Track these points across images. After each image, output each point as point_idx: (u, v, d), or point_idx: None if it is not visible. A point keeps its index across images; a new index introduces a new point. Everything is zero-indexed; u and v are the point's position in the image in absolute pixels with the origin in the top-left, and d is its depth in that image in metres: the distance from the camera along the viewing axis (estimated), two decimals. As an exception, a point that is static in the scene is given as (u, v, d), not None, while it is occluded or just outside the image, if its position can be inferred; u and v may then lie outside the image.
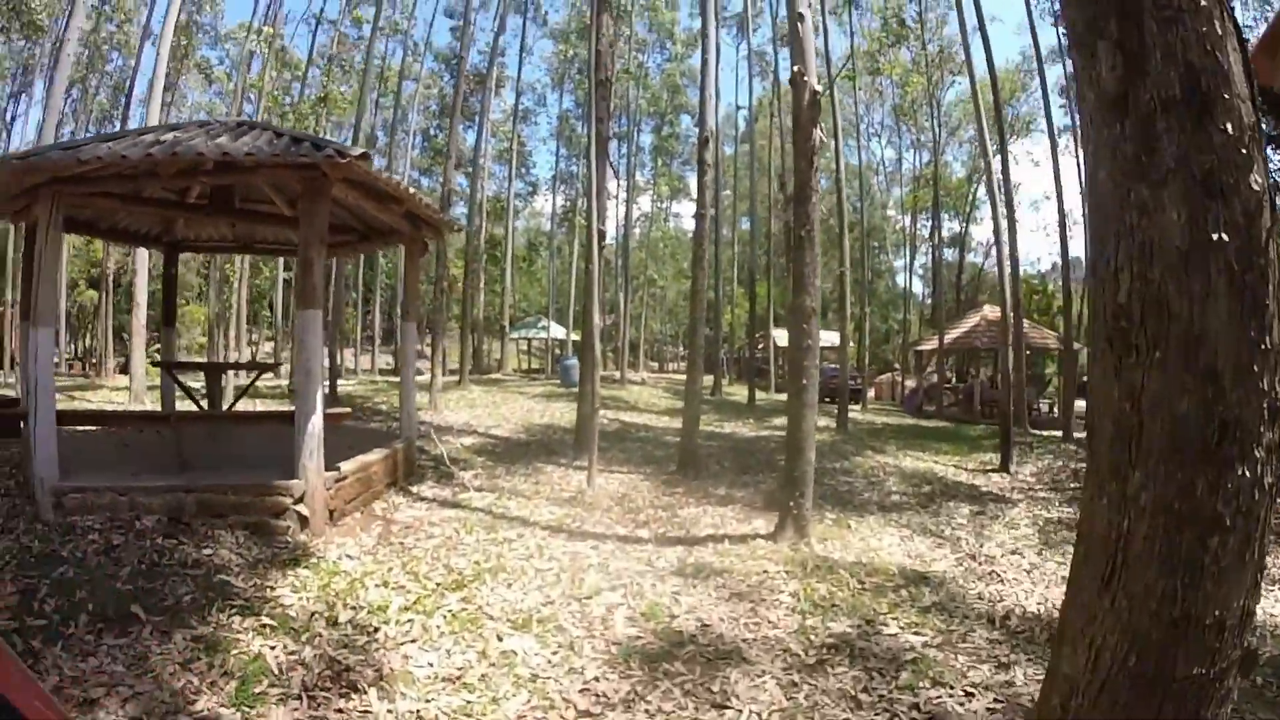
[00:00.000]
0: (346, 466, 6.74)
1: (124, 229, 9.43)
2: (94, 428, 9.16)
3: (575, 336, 40.57)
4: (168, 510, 5.69)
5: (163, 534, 5.28)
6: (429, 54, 39.40)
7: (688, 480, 9.05)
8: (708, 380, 32.96)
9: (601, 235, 10.35)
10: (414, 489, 7.92)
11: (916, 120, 34.74)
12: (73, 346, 38.30)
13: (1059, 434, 16.00)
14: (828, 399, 23.53)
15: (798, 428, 6.74)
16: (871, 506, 8.47)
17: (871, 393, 29.19)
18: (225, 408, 9.30)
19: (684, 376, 35.88)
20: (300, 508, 5.96)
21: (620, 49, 28.37)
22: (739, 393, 27.11)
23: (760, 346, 34.66)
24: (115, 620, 3.87)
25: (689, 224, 52.09)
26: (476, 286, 36.45)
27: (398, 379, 27.70)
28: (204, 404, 9.04)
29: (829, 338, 29.36)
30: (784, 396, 26.53)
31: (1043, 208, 79.43)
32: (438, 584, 5.00)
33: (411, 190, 7.52)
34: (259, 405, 14.58)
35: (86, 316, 36.34)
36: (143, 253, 15.50)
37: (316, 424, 6.14)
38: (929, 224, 35.32)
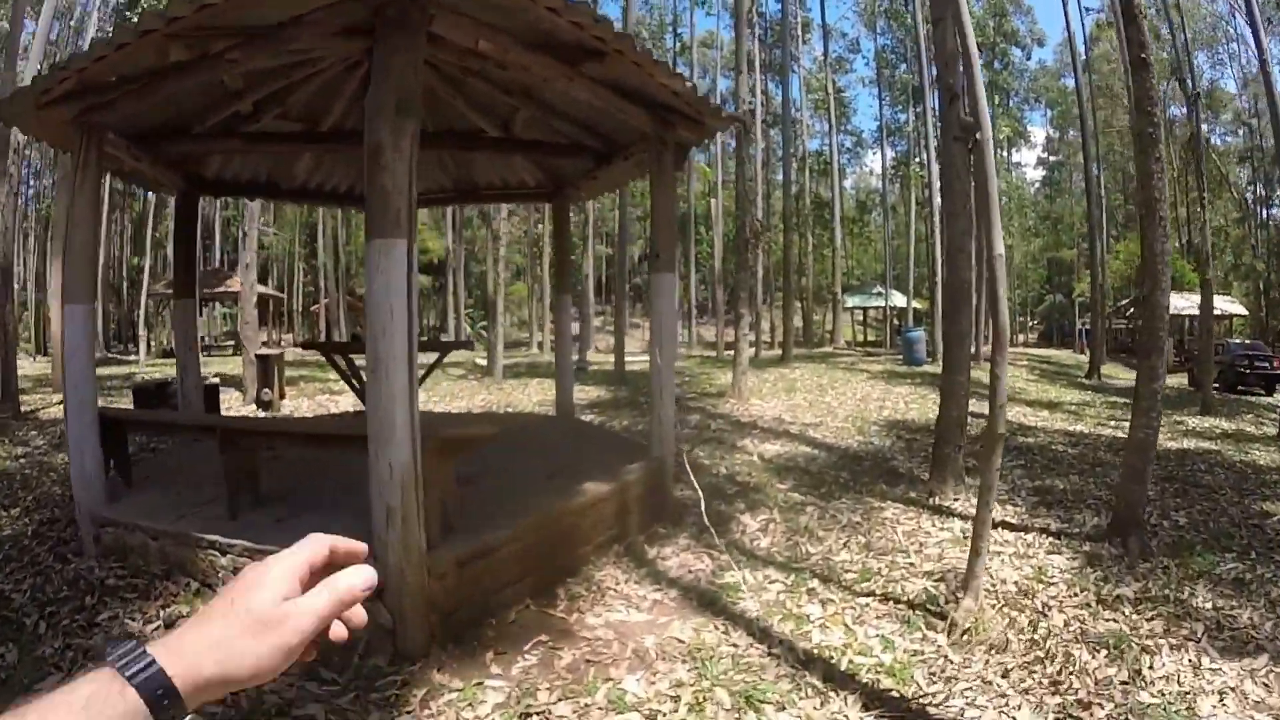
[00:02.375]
0: (493, 537, 3.77)
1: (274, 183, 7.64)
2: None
3: (917, 304, 35.18)
4: (201, 575, 3.88)
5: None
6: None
7: (1134, 561, 4.48)
8: (1075, 358, 26.26)
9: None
10: (650, 551, 4.76)
11: None
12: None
13: None
14: (1240, 388, 18.10)
15: None
16: None
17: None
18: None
19: (1041, 352, 29.04)
20: (381, 610, 3.12)
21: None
22: (1120, 375, 20.26)
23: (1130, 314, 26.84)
24: None
25: (1033, 174, 43.73)
26: (803, 250, 32.97)
27: (713, 354, 25.97)
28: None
29: (1223, 305, 21.60)
30: (1184, 382, 19.12)
31: None
32: None
33: (630, 40, 4.23)
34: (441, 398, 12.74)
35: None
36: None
37: (401, 462, 3.23)
38: None
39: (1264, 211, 36.63)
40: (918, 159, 34.72)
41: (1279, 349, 22.95)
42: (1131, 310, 27.75)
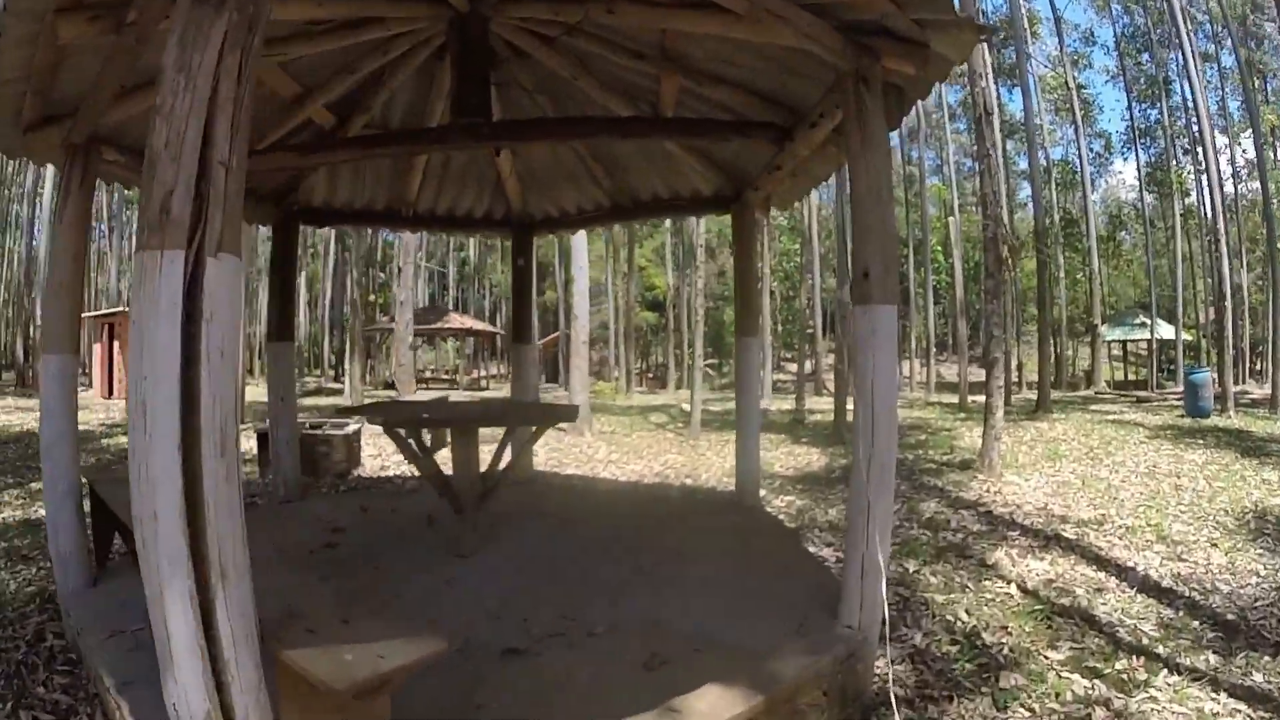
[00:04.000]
0: None
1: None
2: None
3: (1186, 336, 29.13)
4: None
5: None
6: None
7: None
8: None
9: None
10: None
11: None
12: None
13: None
14: None
15: None
16: None
17: None
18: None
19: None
20: None
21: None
22: None
23: None
24: None
25: None
26: (1053, 276, 28.29)
27: (954, 399, 22.22)
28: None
29: None
30: None
31: None
32: None
33: None
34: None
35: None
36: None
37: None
38: None
39: None
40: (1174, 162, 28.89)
41: None
42: None
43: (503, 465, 4.66)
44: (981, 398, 19.16)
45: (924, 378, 31.42)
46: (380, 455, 9.52)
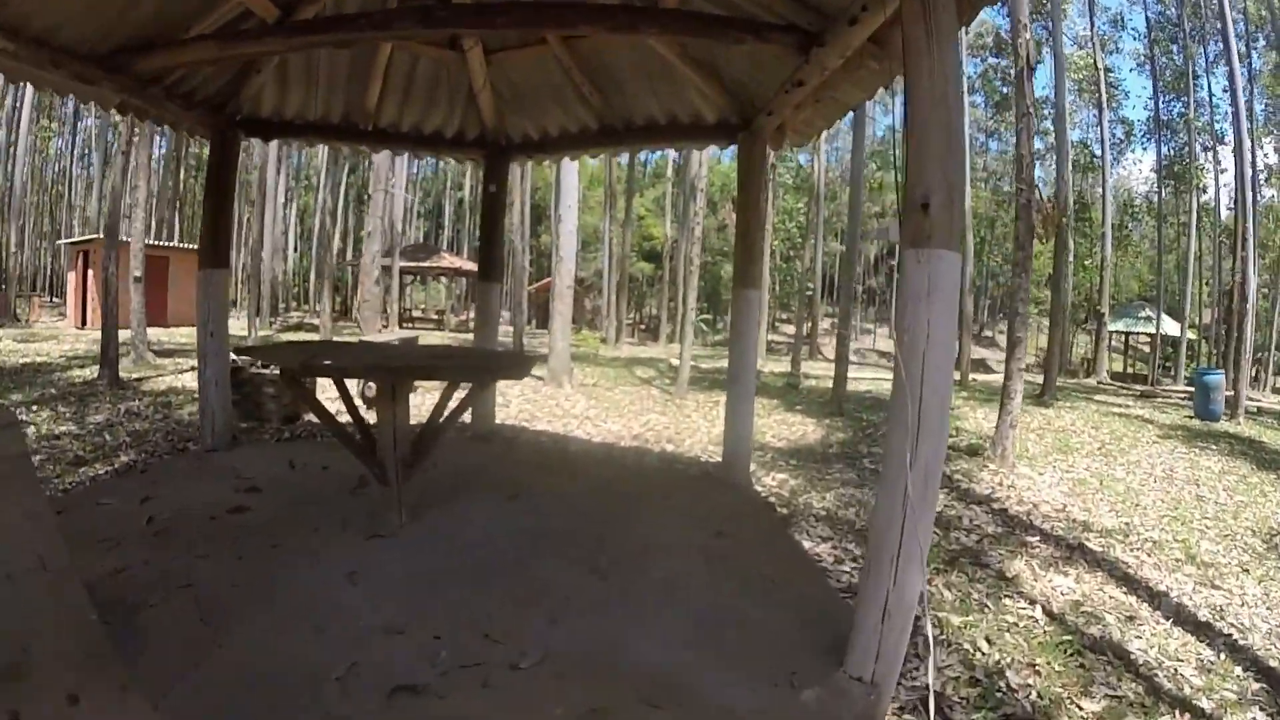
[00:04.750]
0: None
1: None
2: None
3: (1190, 335, 28.55)
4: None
5: None
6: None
7: None
8: None
9: None
10: None
11: None
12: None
13: None
14: None
15: None
16: None
17: None
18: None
19: None
20: None
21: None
22: None
23: None
24: None
25: None
26: (1064, 260, 27.41)
27: (957, 377, 21.36)
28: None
29: None
30: None
31: None
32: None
33: None
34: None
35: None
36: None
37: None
38: None
39: None
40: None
41: None
42: None
43: (443, 423, 3.82)
44: (981, 375, 18.32)
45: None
46: (339, 398, 8.69)
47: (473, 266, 31.24)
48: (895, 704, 2.72)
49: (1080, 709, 3.21)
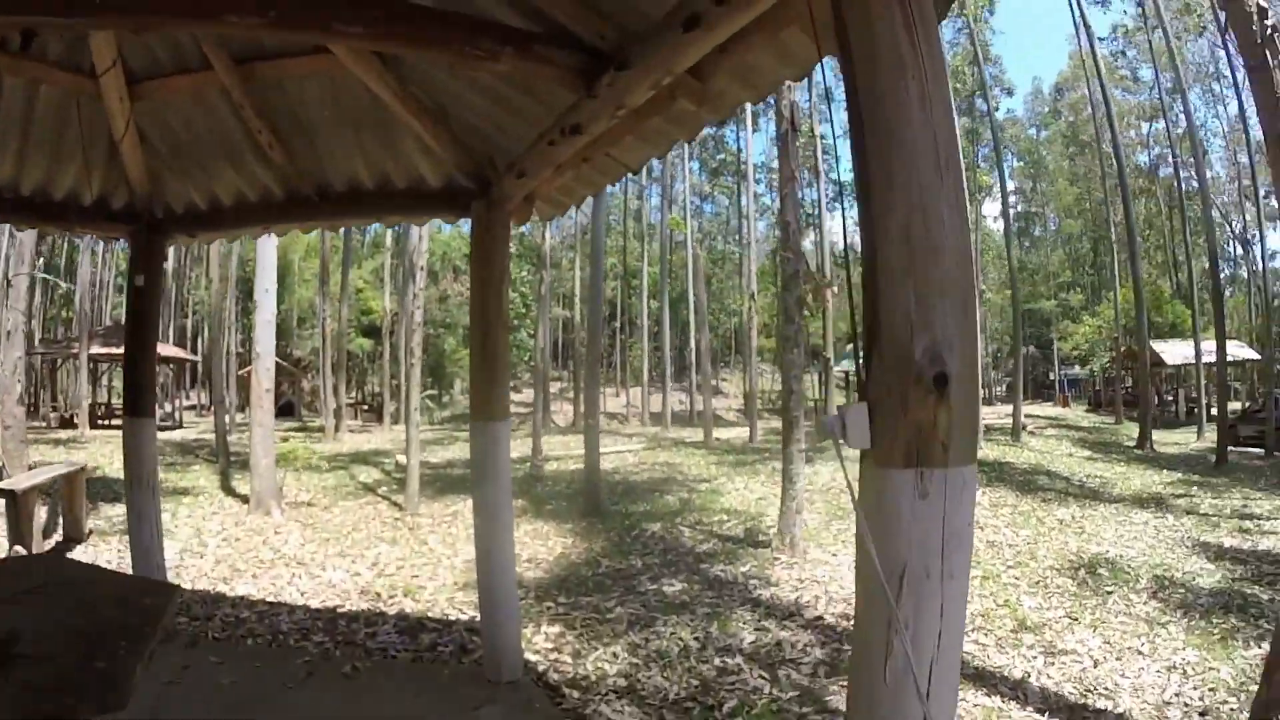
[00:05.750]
0: None
1: None
2: None
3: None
4: None
5: None
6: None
7: None
8: (1105, 422, 23.09)
9: None
10: None
11: None
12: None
13: None
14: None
15: None
16: None
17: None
18: None
19: (1050, 412, 25.90)
20: None
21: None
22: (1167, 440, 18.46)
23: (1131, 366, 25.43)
24: None
25: (996, 226, 40.84)
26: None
27: (688, 435, 20.99)
28: None
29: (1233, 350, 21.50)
30: (1192, 439, 17.02)
31: None
32: None
33: None
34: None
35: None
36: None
37: None
38: None
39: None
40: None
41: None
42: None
43: None
44: (719, 432, 18.31)
45: (639, 407, 31.27)
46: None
47: (176, 352, 26.36)
48: None
49: None
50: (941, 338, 1.29)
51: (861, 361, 1.35)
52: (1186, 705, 4.08)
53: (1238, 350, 25.17)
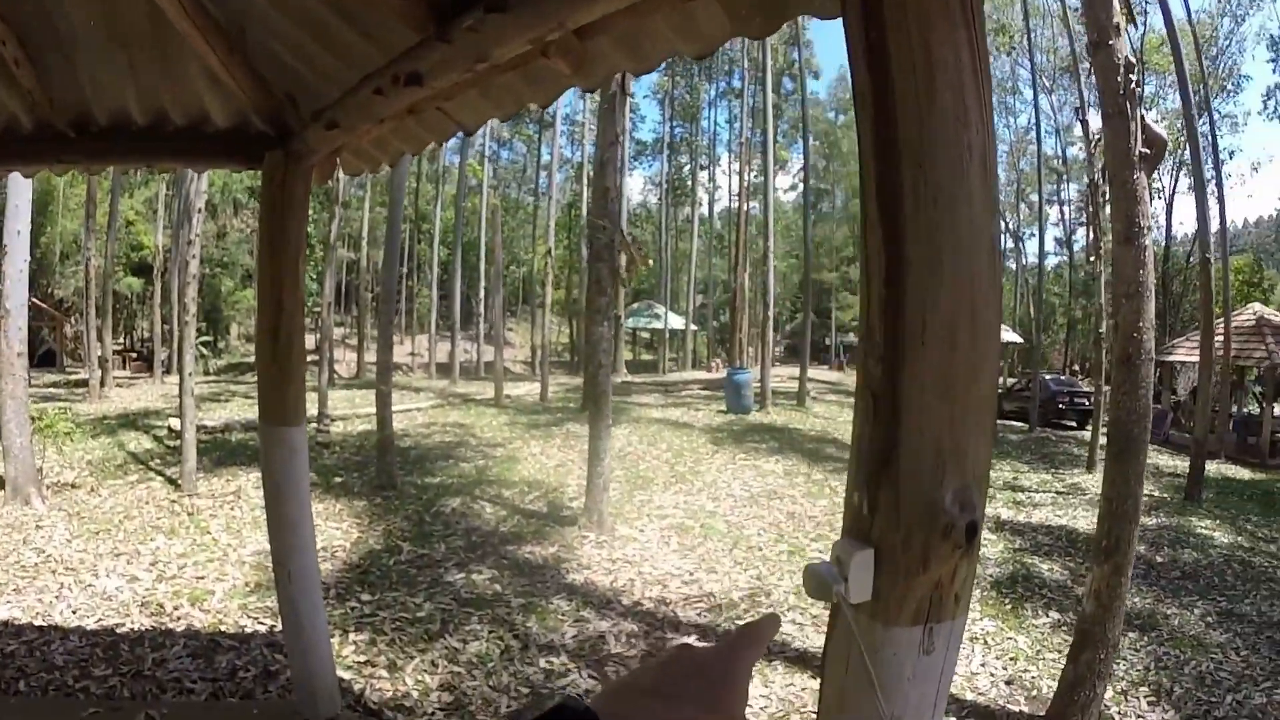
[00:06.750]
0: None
1: None
2: None
3: (694, 326, 33.73)
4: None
5: None
6: None
7: None
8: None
9: None
10: None
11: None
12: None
13: None
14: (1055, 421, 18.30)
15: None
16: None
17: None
18: None
19: (833, 376, 28.15)
20: None
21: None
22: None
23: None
24: None
25: (786, 198, 43.64)
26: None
27: (472, 390, 20.07)
28: None
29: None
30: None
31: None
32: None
33: None
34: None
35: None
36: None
37: None
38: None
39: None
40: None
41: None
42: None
43: None
44: (495, 389, 17.72)
45: (425, 356, 30.24)
46: None
47: None
48: None
49: None
50: (973, 477, 1.01)
51: (858, 479, 1.04)
52: (993, 675, 4.35)
53: (1005, 334, 28.50)
